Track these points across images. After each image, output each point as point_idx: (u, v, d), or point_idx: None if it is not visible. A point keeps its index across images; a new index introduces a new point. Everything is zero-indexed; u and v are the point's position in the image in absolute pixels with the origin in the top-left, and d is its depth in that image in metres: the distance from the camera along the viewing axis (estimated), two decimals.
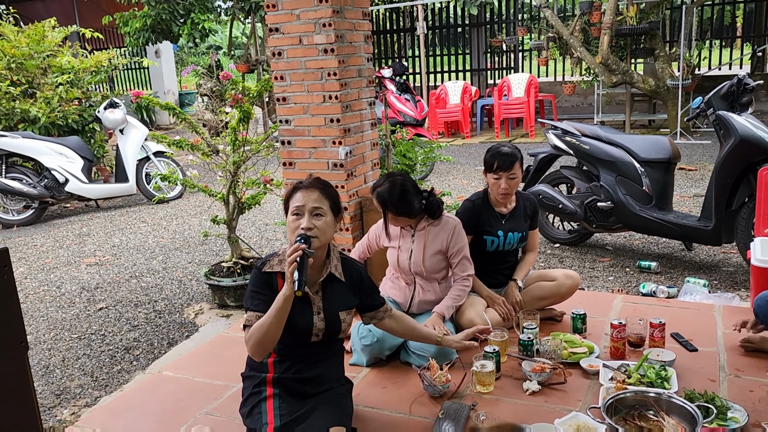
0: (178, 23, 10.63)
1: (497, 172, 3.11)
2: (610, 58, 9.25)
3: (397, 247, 3.04)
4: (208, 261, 5.16)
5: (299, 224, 2.15)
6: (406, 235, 3.04)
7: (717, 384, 2.62)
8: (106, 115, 7.46)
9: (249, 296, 2.22)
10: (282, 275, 2.20)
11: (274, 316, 2.06)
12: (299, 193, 2.20)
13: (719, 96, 3.98)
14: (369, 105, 3.95)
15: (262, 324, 2.09)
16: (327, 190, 2.24)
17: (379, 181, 2.95)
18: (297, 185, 2.24)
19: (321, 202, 2.19)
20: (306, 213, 2.16)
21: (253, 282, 2.23)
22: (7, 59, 7.55)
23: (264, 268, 2.22)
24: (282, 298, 2.05)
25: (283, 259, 2.20)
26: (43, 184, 6.98)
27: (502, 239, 3.23)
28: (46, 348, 3.76)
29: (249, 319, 2.17)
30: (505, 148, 3.14)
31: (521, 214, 3.30)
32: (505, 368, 2.82)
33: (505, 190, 3.14)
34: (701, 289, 3.76)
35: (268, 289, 2.20)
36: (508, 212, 3.27)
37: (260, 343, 2.11)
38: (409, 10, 13.42)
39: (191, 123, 4.21)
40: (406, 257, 3.01)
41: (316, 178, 2.27)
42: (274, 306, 2.07)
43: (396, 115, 8.65)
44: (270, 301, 2.14)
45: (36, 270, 5.31)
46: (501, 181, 3.12)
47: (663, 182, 4.28)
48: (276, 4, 3.64)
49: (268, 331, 2.08)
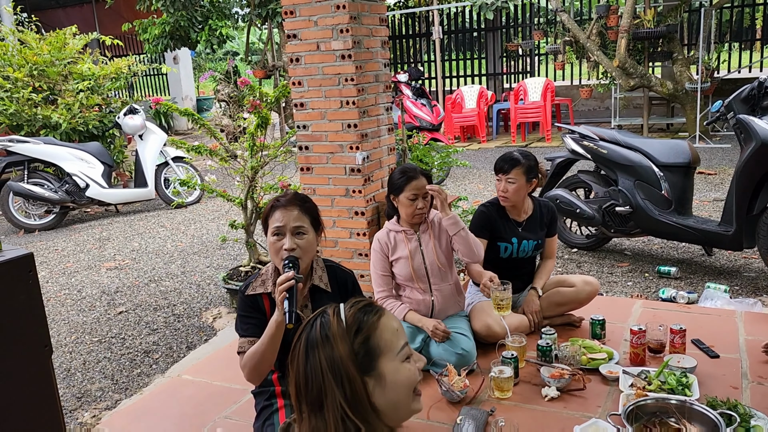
0: (196, 30, 10.74)
1: (498, 174, 3.19)
2: (628, 61, 9.19)
3: (408, 256, 2.99)
4: (226, 265, 5.20)
5: (281, 245, 2.08)
6: (411, 240, 2.99)
7: (739, 391, 2.58)
8: (126, 121, 7.55)
9: (239, 321, 2.19)
10: (268, 296, 2.18)
11: (268, 342, 2.02)
12: (278, 213, 2.10)
13: (740, 99, 3.93)
14: (386, 110, 3.96)
15: (256, 351, 2.06)
16: (306, 205, 2.15)
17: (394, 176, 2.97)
18: (274, 203, 2.13)
19: (301, 220, 2.10)
20: (288, 233, 2.08)
21: (240, 307, 2.20)
22: (30, 66, 7.67)
23: (247, 291, 2.19)
24: (274, 324, 2.00)
25: (266, 280, 2.19)
26: (65, 189, 7.08)
27: (516, 246, 3.21)
28: (67, 351, 3.81)
29: (242, 346, 2.14)
30: (514, 153, 3.18)
31: (537, 221, 3.27)
32: (524, 374, 2.81)
33: (503, 193, 3.17)
34: (722, 294, 3.71)
35: (256, 311, 2.17)
36: (524, 220, 3.25)
37: (256, 368, 2.09)
38: (424, 15, 13.44)
39: (210, 129, 4.25)
40: (420, 261, 2.98)
41: (293, 194, 2.17)
42: (267, 333, 2.03)
43: (412, 120, 8.66)
44: (260, 324, 2.11)
45: (57, 274, 5.38)
46: (501, 183, 3.17)
47: (682, 187, 4.24)
48: (294, 11, 3.67)
49: (263, 357, 2.05)
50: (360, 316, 1.23)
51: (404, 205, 2.90)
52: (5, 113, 7.40)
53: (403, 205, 2.91)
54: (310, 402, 1.18)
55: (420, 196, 2.87)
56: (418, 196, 2.87)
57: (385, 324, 1.24)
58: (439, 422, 2.50)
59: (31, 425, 1.92)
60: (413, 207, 2.87)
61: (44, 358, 1.95)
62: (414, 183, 2.86)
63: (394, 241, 3.00)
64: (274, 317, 2.00)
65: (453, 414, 2.50)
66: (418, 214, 2.91)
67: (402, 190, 2.88)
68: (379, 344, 1.21)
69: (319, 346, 1.19)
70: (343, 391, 1.16)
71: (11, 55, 7.71)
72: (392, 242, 3.00)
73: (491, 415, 2.46)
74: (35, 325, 1.92)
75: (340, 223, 3.83)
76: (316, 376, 1.17)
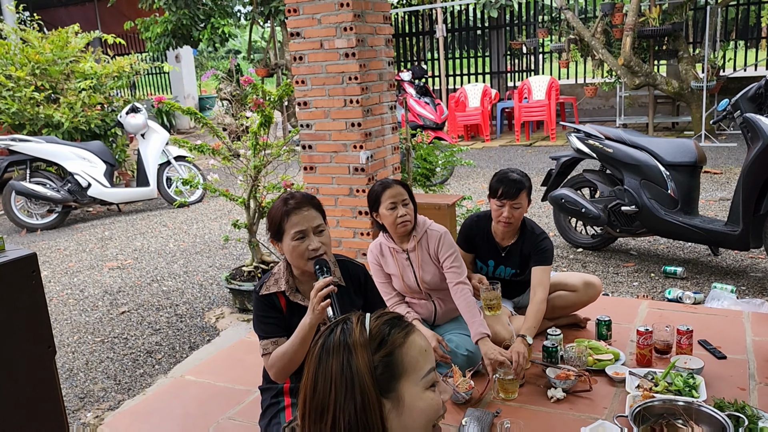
0: (199, 28, 10.73)
1: (501, 200, 2.93)
2: (633, 59, 9.15)
3: (399, 273, 2.93)
4: (229, 265, 5.18)
5: (306, 246, 2.09)
6: (400, 258, 2.91)
7: (747, 393, 2.56)
8: (128, 120, 7.54)
9: (257, 323, 2.20)
10: (282, 294, 2.20)
11: (300, 344, 2.04)
12: (294, 216, 2.10)
13: (746, 98, 3.90)
14: (390, 109, 3.94)
15: (287, 352, 2.08)
16: (315, 202, 2.17)
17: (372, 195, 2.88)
18: (287, 209, 2.11)
19: (318, 219, 2.14)
20: (311, 234, 2.10)
21: (257, 307, 2.22)
22: (32, 65, 7.67)
23: (261, 291, 2.20)
24: (308, 326, 2.01)
25: (279, 278, 2.20)
26: (67, 189, 7.07)
27: (491, 269, 3.16)
28: (69, 351, 3.79)
29: (266, 347, 2.16)
30: (513, 174, 2.95)
31: (518, 253, 3.10)
32: (529, 375, 2.79)
33: (507, 220, 2.95)
34: (729, 295, 3.69)
35: (273, 311, 2.19)
36: (507, 246, 3.10)
37: (285, 369, 2.11)
38: (428, 12, 13.41)
39: (212, 128, 4.23)
40: (411, 278, 2.93)
41: (301, 195, 2.18)
42: (298, 334, 2.04)
43: (415, 119, 8.63)
44: (280, 324, 2.15)
45: (59, 273, 5.37)
46: (504, 209, 2.93)
47: (689, 186, 4.21)
48: (297, 9, 3.65)
49: (295, 358, 2.07)
50: (385, 329, 1.12)
51: (385, 217, 2.81)
52: (8, 112, 7.39)
53: (385, 217, 2.82)
54: (314, 408, 1.10)
55: (399, 203, 2.78)
56: (397, 204, 2.78)
57: (412, 342, 1.13)
58: (444, 423, 2.47)
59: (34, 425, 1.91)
60: (394, 215, 2.78)
61: (48, 359, 1.94)
62: (388, 192, 2.78)
63: (385, 255, 2.95)
64: (308, 321, 2.01)
65: (458, 416, 2.48)
66: (401, 223, 2.79)
67: (379, 203, 2.81)
68: (402, 363, 1.10)
69: (334, 352, 1.10)
70: (353, 404, 1.06)
71: (13, 54, 7.71)
72: (383, 255, 2.96)
73: (497, 417, 2.44)
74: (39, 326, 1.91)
75: (343, 223, 3.81)
76: (325, 382, 1.09)
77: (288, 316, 2.18)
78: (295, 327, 2.12)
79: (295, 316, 2.16)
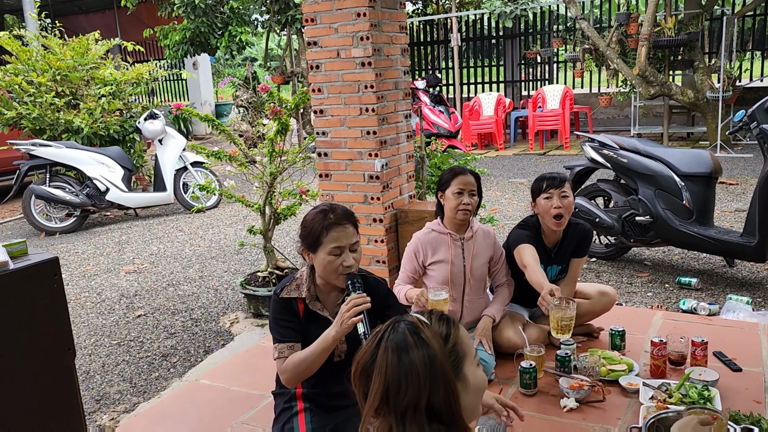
0: (216, 36, 10.86)
1: (548, 191, 2.96)
2: (648, 70, 9.12)
3: (449, 260, 2.97)
4: (244, 270, 5.22)
5: (340, 263, 2.09)
6: (454, 245, 2.99)
7: (763, 405, 2.54)
8: (146, 126, 7.64)
9: (274, 325, 2.20)
10: (302, 300, 2.20)
11: (320, 354, 2.06)
12: (334, 232, 2.09)
13: (763, 109, 3.89)
14: (405, 117, 3.96)
15: (305, 359, 2.09)
16: (353, 219, 2.18)
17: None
18: (328, 224, 2.10)
19: (355, 236, 2.15)
20: (347, 250, 2.11)
21: (275, 309, 2.21)
22: (53, 71, 7.79)
23: (282, 294, 2.20)
24: (332, 339, 2.03)
25: (300, 284, 2.21)
26: (85, 193, 7.17)
27: None
28: (86, 353, 3.84)
29: (281, 351, 2.15)
30: (549, 172, 3.06)
31: (566, 247, 3.14)
32: (542, 384, 2.79)
33: (559, 209, 2.93)
34: (744, 306, 3.66)
35: (291, 315, 2.19)
36: (555, 244, 3.12)
37: (300, 375, 2.13)
38: (443, 22, 13.46)
39: (229, 134, 4.28)
40: (460, 267, 2.98)
41: (342, 210, 2.17)
42: (320, 345, 2.06)
43: (430, 127, 8.66)
44: (296, 328, 2.16)
45: (77, 277, 5.44)
46: (553, 199, 2.94)
47: (704, 196, 4.19)
48: (315, 18, 3.69)
49: (311, 366, 2.09)
50: (443, 324, 1.30)
51: (449, 200, 2.91)
52: (28, 117, 7.51)
53: (448, 200, 2.91)
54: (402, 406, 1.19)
55: (466, 192, 2.89)
56: (464, 191, 2.89)
57: (463, 332, 1.33)
58: None
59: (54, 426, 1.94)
60: (458, 201, 2.88)
61: (67, 361, 1.97)
62: (461, 177, 2.90)
63: (436, 242, 2.99)
64: (333, 333, 2.02)
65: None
66: (462, 210, 2.89)
67: (448, 185, 2.92)
68: (463, 349, 1.29)
69: (412, 347, 1.21)
70: (438, 392, 1.19)
71: (35, 60, 7.84)
72: (433, 243, 2.99)
73: (509, 426, 2.44)
74: (59, 328, 1.95)
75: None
76: (412, 377, 1.19)
77: (304, 323, 2.19)
78: (309, 334, 2.13)
79: (311, 324, 2.18)
